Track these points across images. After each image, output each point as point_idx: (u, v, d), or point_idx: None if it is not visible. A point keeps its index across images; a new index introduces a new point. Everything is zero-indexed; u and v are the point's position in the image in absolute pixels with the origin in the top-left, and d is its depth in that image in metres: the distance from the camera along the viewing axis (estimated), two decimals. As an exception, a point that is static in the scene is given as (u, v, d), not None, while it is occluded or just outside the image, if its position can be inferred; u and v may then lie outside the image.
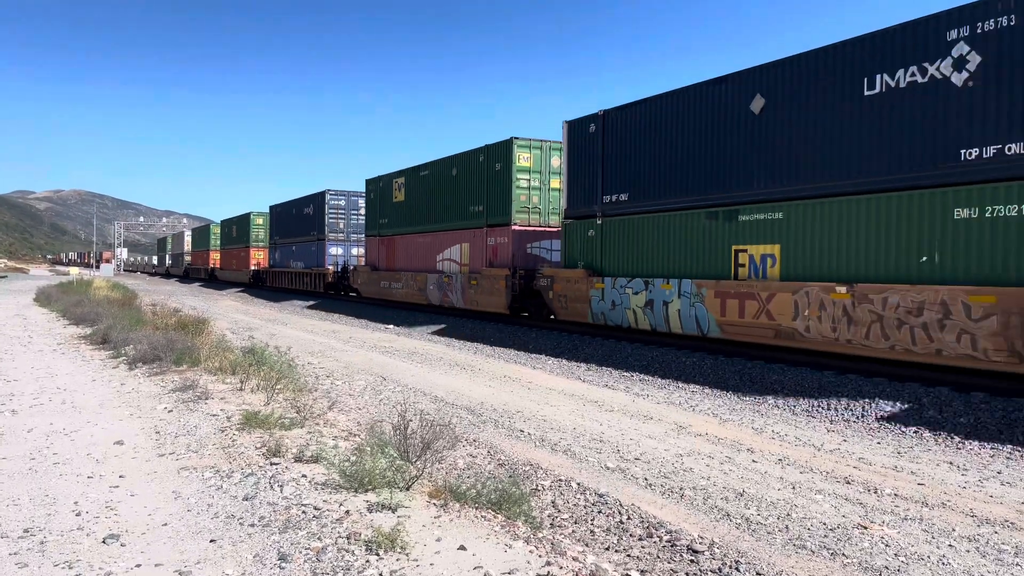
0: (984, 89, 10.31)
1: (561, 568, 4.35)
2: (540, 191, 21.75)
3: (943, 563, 5.25)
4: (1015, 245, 9.96)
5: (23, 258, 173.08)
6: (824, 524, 5.96)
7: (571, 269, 18.84)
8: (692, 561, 5.26)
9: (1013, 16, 9.95)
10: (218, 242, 61.72)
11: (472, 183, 23.54)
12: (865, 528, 5.87)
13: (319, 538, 4.56)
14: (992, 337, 9.94)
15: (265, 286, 47.52)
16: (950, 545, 5.58)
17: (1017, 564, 5.27)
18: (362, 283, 31.93)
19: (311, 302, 35.25)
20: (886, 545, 5.53)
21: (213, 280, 62.06)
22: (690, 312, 14.96)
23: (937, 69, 10.84)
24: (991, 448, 8.58)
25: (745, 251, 13.96)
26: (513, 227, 21.38)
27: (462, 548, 4.51)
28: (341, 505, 5.18)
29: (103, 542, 4.51)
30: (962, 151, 10.52)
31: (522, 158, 21.47)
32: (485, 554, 4.45)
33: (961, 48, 10.54)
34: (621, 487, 6.89)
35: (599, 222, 17.92)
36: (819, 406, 10.76)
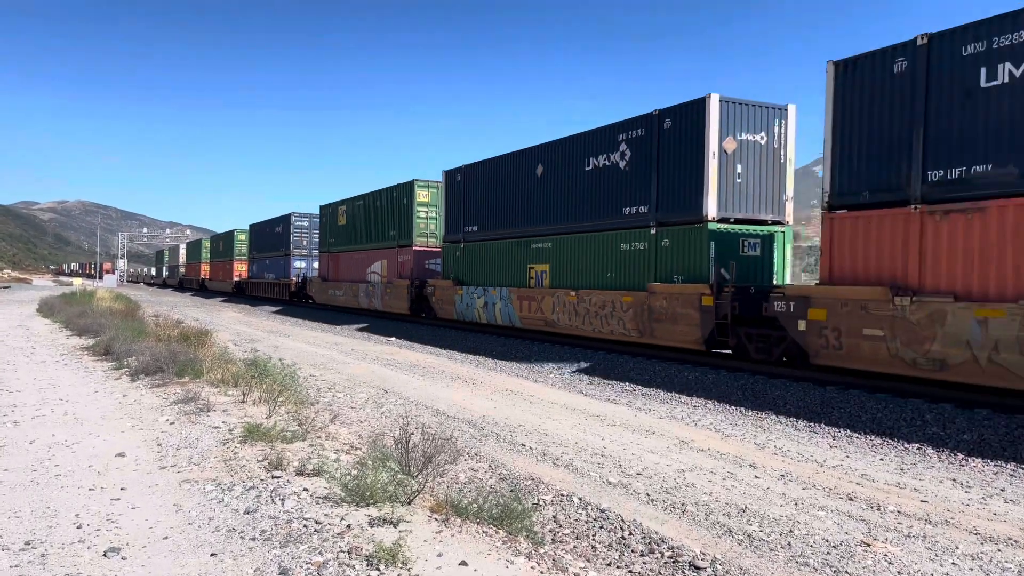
0: (631, 172, 17.34)
1: (563, 584, 4.33)
2: (436, 220, 28.21)
3: (947, 581, 5.22)
4: (640, 266, 16.95)
5: (27, 268, 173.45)
6: (827, 541, 5.94)
7: (445, 280, 25.81)
8: (694, 578, 5.24)
9: (642, 129, 16.98)
10: (208, 255, 66.89)
11: (389, 212, 30.10)
12: (868, 545, 5.85)
13: (320, 552, 4.55)
14: (631, 321, 16.78)
15: (245, 295, 53.05)
16: (953, 563, 5.55)
17: (1021, 583, 5.24)
18: (315, 291, 38.50)
19: (278, 307, 41.25)
20: (889, 563, 5.50)
21: (204, 289, 66.97)
22: (506, 310, 21.99)
23: (615, 157, 17.91)
24: (994, 465, 8.54)
25: (534, 268, 21.06)
26: (414, 248, 28.29)
27: (463, 564, 4.50)
28: (342, 519, 5.17)
29: (104, 555, 4.51)
30: (624, 208, 17.55)
31: (421, 195, 28.33)
32: (487, 570, 4.44)
33: (623, 146, 17.60)
34: (623, 502, 6.87)
35: (461, 246, 24.92)
36: (821, 422, 10.73)
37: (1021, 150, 10.04)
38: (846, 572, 5.33)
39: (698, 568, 5.36)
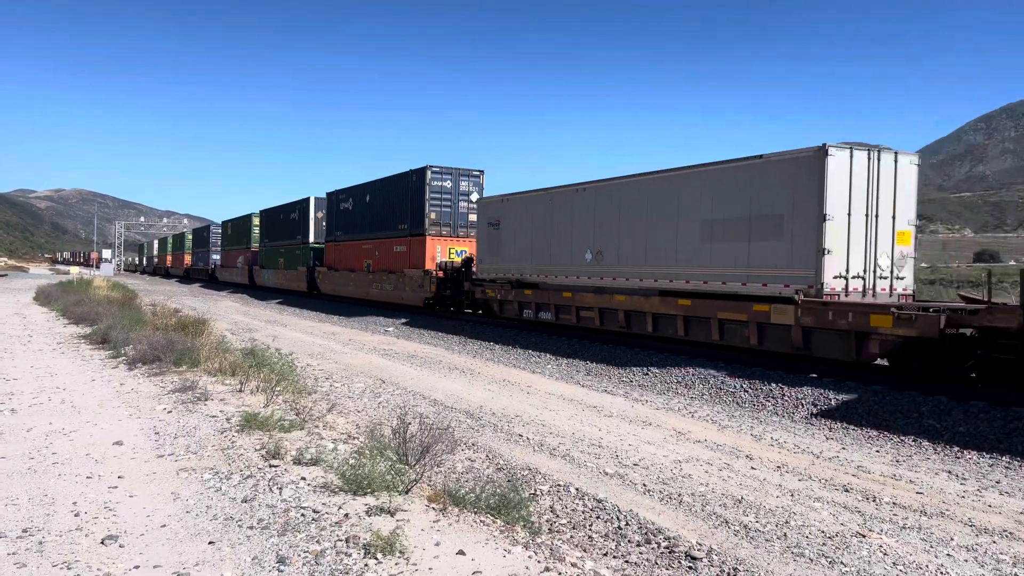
0: (296, 222, 41.59)
1: (560, 574, 4.35)
2: (262, 236, 49.07)
3: (941, 572, 5.25)
4: (301, 258, 40.10)
5: (23, 256, 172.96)
6: (823, 532, 5.97)
7: (258, 266, 48.39)
8: (690, 568, 5.26)
9: (298, 207, 41.79)
10: (171, 249, 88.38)
11: (245, 229, 53.19)
12: (864, 536, 5.88)
13: (318, 541, 4.56)
14: (297, 282, 40.50)
15: (189, 278, 74.22)
16: (948, 554, 5.58)
17: (1016, 574, 5.27)
18: (218, 274, 61.84)
19: (202, 283, 64.37)
20: (884, 554, 5.53)
21: (167, 275, 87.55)
22: (272, 280, 45.14)
23: (295, 215, 41.90)
24: (990, 458, 8.58)
25: (280, 259, 44.44)
26: (251, 249, 51.03)
27: (461, 553, 4.52)
28: (340, 508, 5.18)
29: (102, 543, 4.51)
30: (296, 237, 41.56)
31: (255, 221, 50.47)
32: (484, 559, 4.46)
33: (297, 212, 41.74)
34: (619, 493, 6.89)
35: (264, 248, 47.39)
36: (817, 414, 10.76)
37: (346, 228, 34.06)
38: (841, 563, 5.36)
39: (694, 558, 5.39)
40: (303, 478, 5.87)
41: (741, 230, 14.08)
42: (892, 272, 13.35)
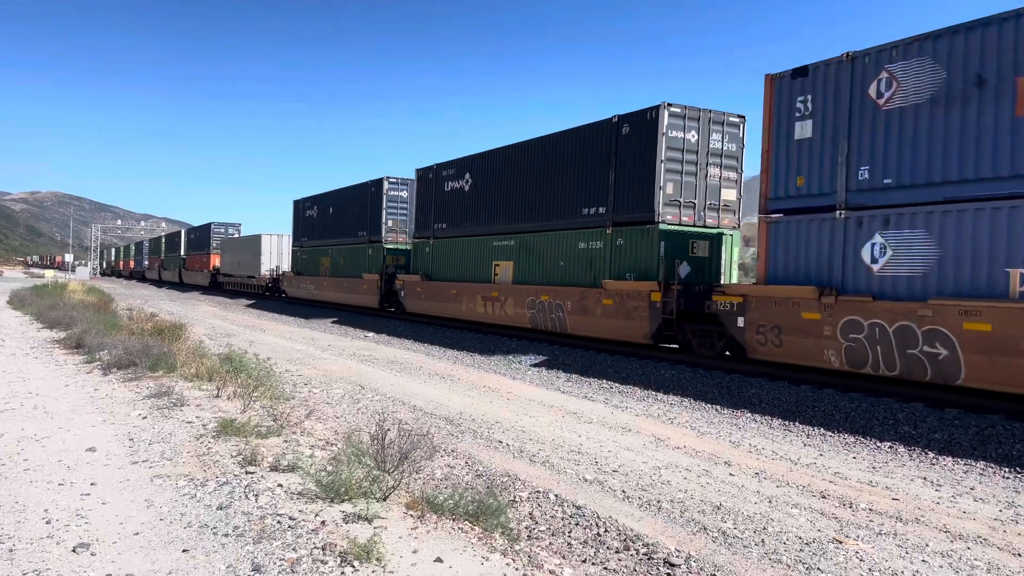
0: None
1: (538, 581, 4.33)
2: (164, 250, 78.78)
3: (916, 578, 5.29)
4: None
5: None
6: (800, 538, 5.99)
7: (163, 268, 76.99)
8: (669, 574, 5.26)
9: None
10: (124, 256, 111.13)
11: (158, 246, 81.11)
12: (840, 543, 5.91)
13: (294, 549, 4.51)
14: (166, 275, 77.15)
15: (131, 277, 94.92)
16: (924, 560, 5.63)
17: (989, 580, 5.32)
18: (146, 274, 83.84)
19: (136, 280, 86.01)
20: (861, 560, 5.57)
21: (119, 275, 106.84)
22: (167, 275, 76.30)
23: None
24: (965, 464, 8.68)
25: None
26: (160, 258, 78.44)
27: (439, 560, 4.49)
28: (317, 515, 5.13)
29: (73, 551, 4.44)
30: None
31: (163, 242, 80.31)
32: (462, 566, 4.43)
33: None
34: (599, 499, 6.88)
35: (165, 257, 77.12)
36: (795, 421, 10.84)
37: (193, 247, 67.11)
38: (818, 569, 5.39)
39: (672, 565, 5.39)
40: (280, 485, 5.81)
41: (254, 256, 47.66)
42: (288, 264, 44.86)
